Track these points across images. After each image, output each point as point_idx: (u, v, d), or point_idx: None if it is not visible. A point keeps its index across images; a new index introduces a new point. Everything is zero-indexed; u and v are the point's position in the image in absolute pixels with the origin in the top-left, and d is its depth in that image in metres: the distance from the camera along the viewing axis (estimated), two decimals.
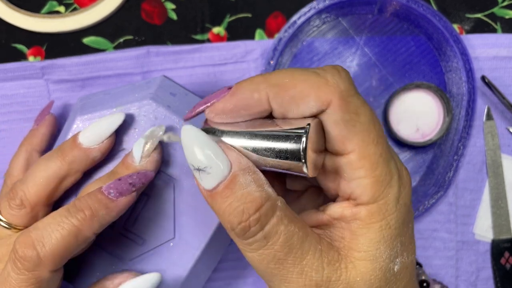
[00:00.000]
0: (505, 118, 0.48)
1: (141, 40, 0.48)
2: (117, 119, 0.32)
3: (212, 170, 0.24)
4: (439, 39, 0.47)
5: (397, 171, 0.25)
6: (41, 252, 0.27)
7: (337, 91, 0.24)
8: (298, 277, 0.24)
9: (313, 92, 0.24)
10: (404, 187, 0.25)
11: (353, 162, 0.24)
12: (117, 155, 0.33)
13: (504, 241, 0.47)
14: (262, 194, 0.24)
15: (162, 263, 0.33)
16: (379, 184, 0.24)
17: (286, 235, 0.24)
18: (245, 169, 0.24)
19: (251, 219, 0.23)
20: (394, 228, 0.25)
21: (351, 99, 0.24)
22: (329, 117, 0.24)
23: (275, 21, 0.48)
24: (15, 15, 0.47)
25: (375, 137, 0.24)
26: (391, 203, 0.25)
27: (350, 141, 0.24)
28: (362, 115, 0.24)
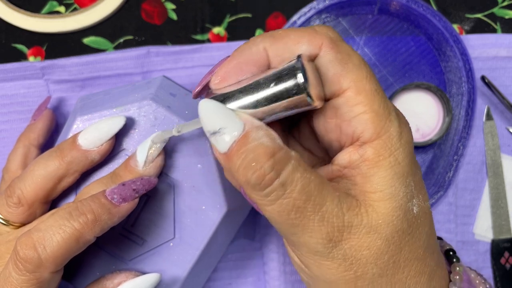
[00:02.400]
0: (505, 118, 0.48)
1: (141, 40, 0.48)
2: (117, 122, 0.32)
3: (226, 130, 0.24)
4: (439, 39, 0.47)
5: (394, 109, 0.26)
6: (42, 254, 0.27)
7: (327, 36, 0.25)
8: (320, 224, 0.24)
9: (305, 37, 0.25)
10: (405, 125, 0.26)
11: (351, 99, 0.25)
12: (116, 155, 0.33)
13: (504, 241, 0.47)
14: (275, 144, 0.24)
15: (162, 263, 0.33)
16: (379, 118, 0.25)
17: (303, 182, 0.24)
18: (257, 127, 0.24)
19: (265, 166, 0.23)
20: (403, 164, 0.25)
21: (341, 43, 0.26)
22: (323, 58, 0.25)
23: (275, 21, 0.48)
24: (15, 15, 0.47)
25: (367, 74, 0.25)
26: (395, 137, 0.25)
27: (345, 78, 0.25)
28: (353, 56, 0.26)
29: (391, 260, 0.25)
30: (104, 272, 0.33)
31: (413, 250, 0.26)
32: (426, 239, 0.26)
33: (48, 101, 0.43)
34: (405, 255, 0.25)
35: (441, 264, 0.28)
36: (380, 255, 0.25)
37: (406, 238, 0.25)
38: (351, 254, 0.25)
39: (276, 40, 0.26)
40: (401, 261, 0.25)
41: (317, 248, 0.25)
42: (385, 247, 0.25)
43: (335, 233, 0.24)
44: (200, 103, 0.26)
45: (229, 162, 0.25)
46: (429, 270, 0.27)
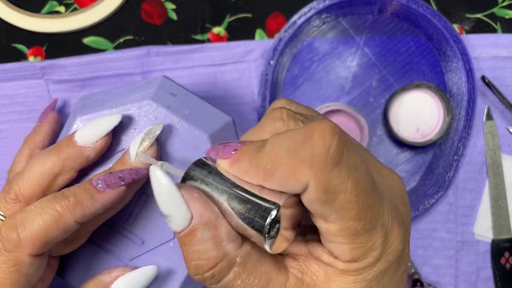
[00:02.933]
0: (505, 118, 0.48)
1: (141, 40, 0.48)
2: (113, 119, 0.32)
3: (172, 220, 0.24)
4: (439, 39, 0.47)
5: (383, 234, 0.24)
6: (21, 234, 0.28)
7: (312, 172, 0.22)
8: None
9: (291, 178, 0.22)
10: (389, 246, 0.24)
11: (332, 231, 0.23)
12: (117, 155, 0.33)
13: (504, 241, 0.47)
14: (218, 253, 0.24)
15: (162, 263, 0.33)
16: (359, 251, 0.23)
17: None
18: (205, 224, 0.24)
19: (205, 275, 0.24)
20: (370, 281, 0.24)
21: (330, 176, 0.22)
22: (307, 196, 0.23)
23: (275, 21, 0.48)
24: (15, 15, 0.47)
25: (357, 214, 0.22)
26: (371, 263, 0.24)
27: (328, 217, 0.23)
28: (342, 194, 0.22)
29: None
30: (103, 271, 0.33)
31: None
32: None
33: (55, 104, 0.43)
34: None
35: None
36: None
37: None
38: None
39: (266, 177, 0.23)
40: None
41: None
42: None
43: None
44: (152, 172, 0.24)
45: (177, 239, 0.25)
46: None
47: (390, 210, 0.24)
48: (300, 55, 0.48)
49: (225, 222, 0.25)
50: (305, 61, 0.48)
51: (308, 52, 0.48)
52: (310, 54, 0.48)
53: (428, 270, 0.48)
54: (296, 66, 0.48)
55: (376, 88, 0.48)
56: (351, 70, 0.48)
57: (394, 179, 0.27)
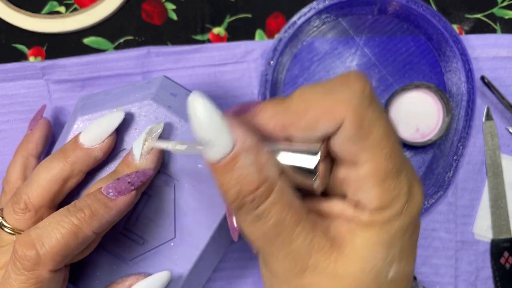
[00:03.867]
0: (505, 118, 0.48)
1: (141, 40, 0.48)
2: (117, 117, 0.32)
3: (215, 144, 0.23)
4: (439, 39, 0.47)
5: (407, 184, 0.25)
6: (40, 251, 0.27)
7: (350, 108, 0.24)
8: (285, 257, 0.25)
9: (325, 116, 0.24)
10: (412, 200, 0.25)
11: (363, 175, 0.24)
12: (119, 156, 0.33)
13: (504, 241, 0.47)
14: (260, 177, 0.24)
15: (163, 263, 0.33)
16: (386, 196, 0.24)
17: (276, 219, 0.24)
18: (248, 149, 0.24)
19: (245, 200, 0.24)
20: (393, 234, 0.25)
21: (365, 113, 0.24)
22: (341, 134, 0.24)
23: (275, 22, 0.48)
24: (16, 15, 0.47)
25: (388, 152, 0.24)
26: (396, 213, 0.24)
27: (361, 155, 0.24)
28: (375, 131, 0.24)
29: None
30: (104, 272, 0.33)
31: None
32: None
33: (43, 110, 0.42)
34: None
35: None
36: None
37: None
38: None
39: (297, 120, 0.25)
40: None
41: (277, 271, 0.25)
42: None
43: (298, 268, 0.25)
44: (192, 97, 0.24)
45: (213, 171, 0.24)
46: None
47: (410, 165, 0.26)
48: (300, 55, 0.48)
49: (264, 149, 0.24)
50: (305, 61, 0.48)
51: (308, 52, 0.48)
52: (310, 54, 0.48)
53: (427, 270, 0.48)
54: (296, 66, 0.48)
55: (376, 88, 0.48)
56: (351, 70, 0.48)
57: None
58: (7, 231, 0.32)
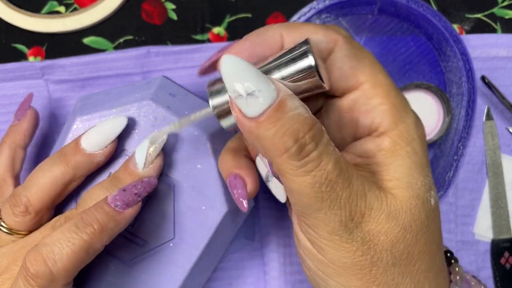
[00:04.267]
0: (505, 118, 0.48)
1: (141, 40, 0.48)
2: (120, 123, 0.31)
3: (261, 94, 0.22)
4: (439, 39, 0.47)
5: (407, 102, 0.26)
6: (53, 269, 0.27)
7: (342, 34, 0.26)
8: (346, 201, 0.24)
9: (321, 30, 0.26)
10: (418, 119, 0.26)
11: (368, 91, 0.26)
12: (116, 156, 0.33)
13: (504, 241, 0.47)
14: (311, 115, 0.24)
15: (163, 263, 0.33)
16: (396, 109, 0.25)
17: (336, 156, 0.24)
18: (291, 95, 0.23)
19: (307, 137, 0.23)
20: (421, 155, 0.25)
21: (353, 41, 0.26)
22: (339, 53, 0.26)
23: (275, 21, 0.48)
24: (15, 15, 0.47)
25: (382, 70, 0.26)
26: (412, 128, 0.25)
27: (361, 71, 0.26)
28: (367, 53, 0.26)
29: (405, 250, 0.25)
30: (104, 273, 0.33)
31: (428, 243, 0.25)
32: (438, 234, 0.26)
33: (31, 99, 0.40)
34: (419, 248, 0.25)
35: (444, 263, 0.28)
36: (396, 243, 0.25)
37: (423, 230, 0.25)
38: (369, 238, 0.24)
39: (293, 28, 0.26)
40: (415, 253, 0.25)
41: (339, 227, 0.24)
42: (402, 236, 0.25)
43: (357, 213, 0.24)
44: (226, 58, 0.23)
45: (259, 128, 0.23)
46: (437, 267, 0.26)
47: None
48: None
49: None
50: None
51: None
52: None
53: None
54: None
55: None
56: None
57: None
58: (5, 231, 0.32)
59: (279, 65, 0.25)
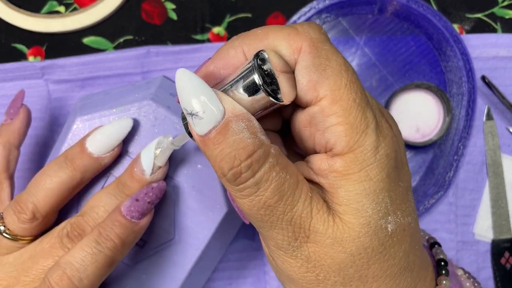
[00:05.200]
0: (505, 118, 0.48)
1: (141, 40, 0.48)
2: (126, 125, 0.32)
3: (205, 115, 0.23)
4: (439, 39, 0.47)
5: (374, 120, 0.24)
6: (79, 286, 0.28)
7: (308, 38, 0.24)
8: (287, 224, 0.24)
9: (284, 40, 0.24)
10: (384, 138, 0.24)
11: (325, 108, 0.23)
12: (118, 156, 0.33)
13: (504, 241, 0.47)
14: (255, 141, 0.23)
15: (163, 263, 0.33)
16: (353, 131, 0.23)
17: (277, 182, 0.23)
18: (238, 116, 0.23)
19: (242, 165, 0.23)
20: (376, 180, 0.24)
21: (322, 45, 0.24)
22: (300, 64, 0.24)
23: (275, 21, 0.48)
24: (15, 15, 0.47)
25: (347, 82, 0.23)
26: (368, 152, 0.23)
27: (321, 86, 0.23)
28: (333, 61, 0.24)
29: (356, 274, 0.24)
30: None
31: (385, 268, 0.25)
32: (404, 256, 0.25)
33: (23, 97, 0.39)
34: (374, 272, 0.24)
35: (424, 278, 0.27)
36: (344, 268, 0.24)
37: (376, 257, 0.24)
38: (315, 258, 0.24)
39: (255, 41, 0.25)
40: (369, 276, 0.24)
41: (283, 244, 0.24)
42: (350, 261, 0.24)
43: (301, 234, 0.24)
44: (179, 73, 0.23)
45: (204, 146, 0.23)
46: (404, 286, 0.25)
47: (376, 106, 0.25)
48: None
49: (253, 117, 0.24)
50: None
51: None
52: None
53: None
54: None
55: (376, 88, 0.48)
56: None
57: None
58: (8, 238, 0.31)
59: (233, 83, 0.24)
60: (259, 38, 0.25)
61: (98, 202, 0.31)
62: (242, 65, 0.24)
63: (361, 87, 0.24)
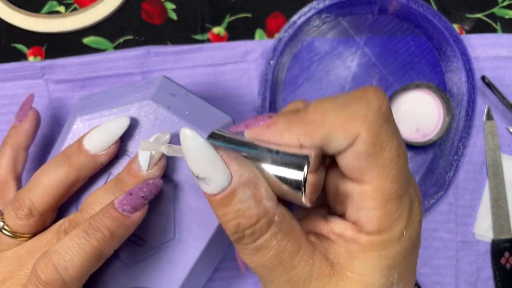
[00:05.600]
0: (505, 118, 0.48)
1: (141, 40, 0.48)
2: (123, 124, 0.31)
3: (211, 182, 0.23)
4: (439, 39, 0.47)
5: (409, 204, 0.24)
6: (66, 277, 0.27)
7: (365, 124, 0.23)
8: (286, 282, 0.25)
9: (341, 129, 0.23)
10: (413, 221, 0.25)
11: (366, 193, 0.24)
12: (117, 156, 0.33)
13: (504, 241, 0.47)
14: (259, 210, 0.24)
15: (162, 263, 0.33)
16: (387, 219, 0.24)
17: (276, 250, 0.24)
18: (245, 183, 0.24)
19: (244, 233, 0.24)
20: (393, 259, 0.24)
21: (380, 130, 0.23)
22: (353, 148, 0.23)
23: (275, 21, 0.48)
24: (15, 15, 0.47)
25: (395, 174, 0.23)
26: (395, 237, 0.24)
27: (368, 173, 0.23)
28: (387, 150, 0.23)
29: None
30: (104, 273, 0.33)
31: None
32: None
33: (32, 100, 0.40)
34: None
35: None
36: None
37: None
38: None
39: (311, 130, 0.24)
40: None
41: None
42: None
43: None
44: (184, 133, 0.23)
45: (211, 204, 0.24)
46: None
47: (413, 183, 0.25)
48: (300, 55, 0.48)
49: (262, 180, 0.24)
50: (305, 61, 0.48)
51: (308, 52, 0.48)
52: (310, 54, 0.48)
53: (428, 270, 0.48)
54: (296, 66, 0.48)
55: None
56: (351, 70, 0.48)
57: None
58: (8, 235, 0.31)
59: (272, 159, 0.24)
60: (316, 126, 0.24)
61: (96, 199, 0.31)
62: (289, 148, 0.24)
63: (406, 175, 0.24)
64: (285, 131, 0.24)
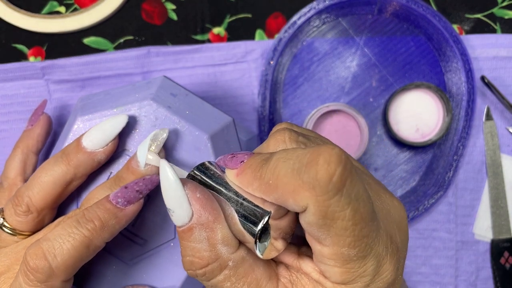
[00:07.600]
0: (505, 118, 0.48)
1: (141, 40, 0.48)
2: (120, 121, 0.31)
3: (174, 214, 0.25)
4: (439, 39, 0.47)
5: (374, 265, 0.24)
6: (53, 263, 0.27)
7: (313, 195, 0.22)
8: None
9: (291, 197, 0.22)
10: (381, 275, 0.24)
11: (325, 254, 0.23)
12: (117, 156, 0.33)
13: (504, 241, 0.47)
14: (211, 254, 0.24)
15: (163, 263, 0.33)
16: (350, 275, 0.24)
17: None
18: (203, 225, 0.25)
19: (197, 272, 0.25)
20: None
21: (329, 203, 0.22)
22: (305, 218, 0.23)
23: (275, 22, 0.48)
24: (16, 15, 0.47)
25: (352, 241, 0.23)
26: (361, 287, 0.24)
27: (323, 241, 0.23)
28: (339, 220, 0.22)
29: None
30: (104, 273, 0.33)
31: None
32: None
33: (45, 105, 0.42)
34: None
35: None
36: None
37: None
38: None
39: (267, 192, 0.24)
40: None
41: None
42: None
43: None
44: (163, 167, 0.25)
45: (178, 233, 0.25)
46: None
47: (385, 240, 0.24)
48: (300, 55, 0.48)
49: (223, 226, 0.25)
50: (305, 61, 0.48)
51: (308, 52, 0.48)
52: (310, 54, 0.48)
53: (428, 270, 0.48)
54: (296, 66, 0.48)
55: (376, 88, 0.48)
56: (351, 70, 0.48)
57: (394, 204, 0.26)
58: (8, 232, 0.32)
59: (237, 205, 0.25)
60: (272, 188, 0.23)
61: (94, 196, 0.31)
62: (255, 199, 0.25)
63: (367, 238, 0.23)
64: (249, 185, 0.25)
